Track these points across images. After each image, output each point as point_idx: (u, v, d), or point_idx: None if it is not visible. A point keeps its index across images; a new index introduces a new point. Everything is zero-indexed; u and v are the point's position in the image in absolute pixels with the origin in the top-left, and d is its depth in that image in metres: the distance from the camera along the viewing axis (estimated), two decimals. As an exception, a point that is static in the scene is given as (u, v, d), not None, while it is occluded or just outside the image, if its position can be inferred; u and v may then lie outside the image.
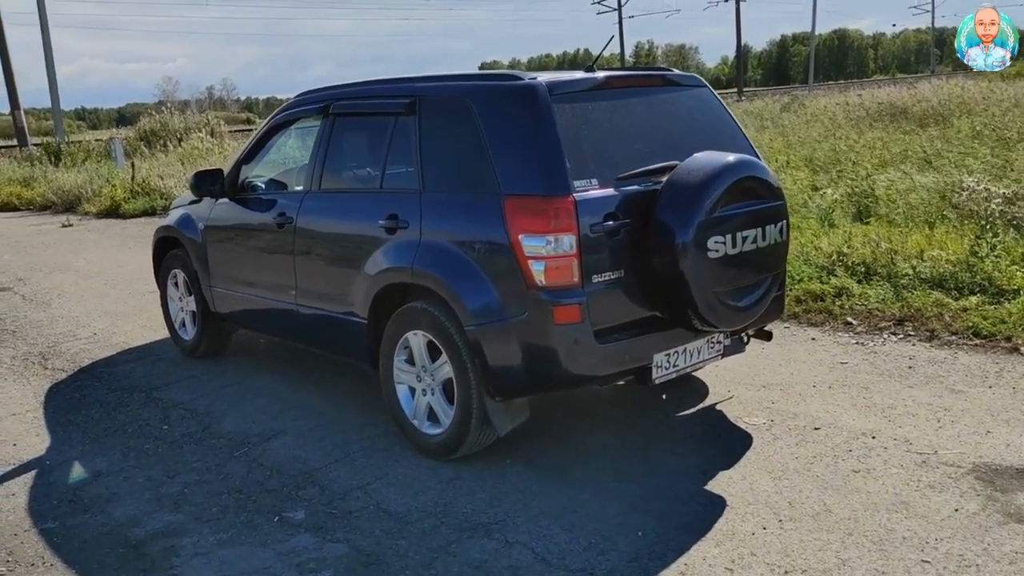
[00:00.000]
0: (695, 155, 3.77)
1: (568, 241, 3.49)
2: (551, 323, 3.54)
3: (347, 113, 4.63)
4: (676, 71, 4.36)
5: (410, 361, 4.15)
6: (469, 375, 3.78)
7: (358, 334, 4.34)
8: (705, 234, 3.57)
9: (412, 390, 4.17)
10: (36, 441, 4.63)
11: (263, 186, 5.34)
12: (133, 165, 17.33)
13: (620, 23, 60.28)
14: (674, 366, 3.91)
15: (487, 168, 3.72)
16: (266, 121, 5.31)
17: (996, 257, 6.27)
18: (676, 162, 3.79)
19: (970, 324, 5.45)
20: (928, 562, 2.94)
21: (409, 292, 4.07)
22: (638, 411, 4.59)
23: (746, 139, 4.29)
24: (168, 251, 6.00)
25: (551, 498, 3.62)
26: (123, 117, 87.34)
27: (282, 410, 4.85)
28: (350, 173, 4.69)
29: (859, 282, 6.41)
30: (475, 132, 3.82)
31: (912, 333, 5.55)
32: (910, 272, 6.31)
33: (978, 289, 5.94)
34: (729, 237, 3.65)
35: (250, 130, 24.71)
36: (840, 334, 5.69)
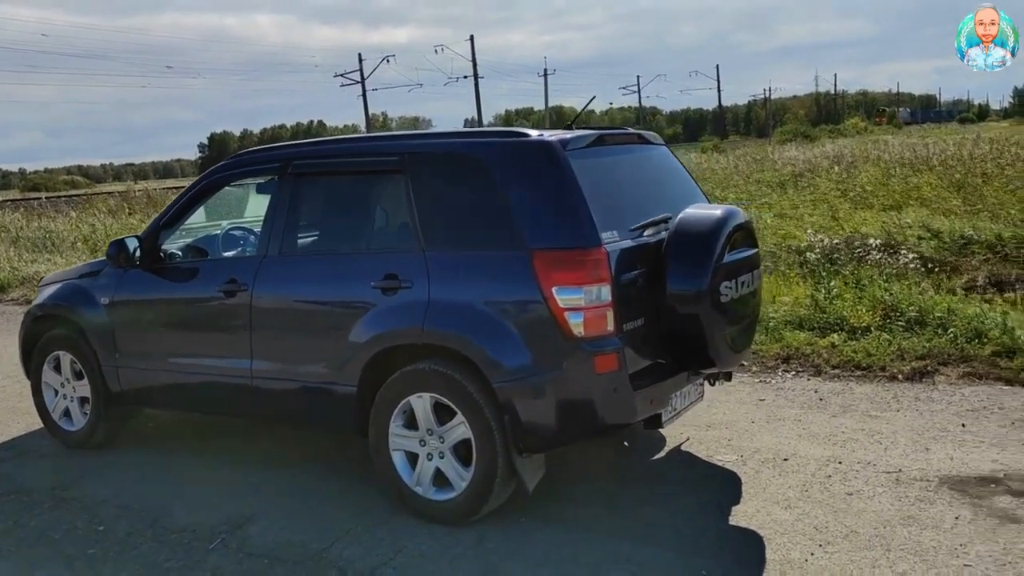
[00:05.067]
0: (690, 208, 4.02)
1: (605, 291, 3.56)
2: (592, 373, 3.57)
3: (313, 173, 4.37)
4: (647, 132, 4.62)
5: (409, 426, 3.95)
6: (494, 433, 3.68)
7: (343, 403, 4.06)
8: (717, 280, 3.80)
9: (411, 456, 3.96)
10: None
11: (188, 253, 4.84)
12: None
13: (364, 95, 61.09)
14: (675, 409, 4.08)
15: (506, 223, 3.71)
16: (194, 184, 4.84)
17: (838, 299, 7.15)
18: (669, 214, 4.01)
19: (847, 358, 6.15)
20: (970, 565, 3.30)
21: (411, 354, 3.89)
22: (615, 461, 4.68)
23: (703, 193, 4.63)
24: (43, 333, 5.21)
25: (594, 553, 3.60)
26: None
27: (239, 494, 4.37)
28: (323, 235, 4.40)
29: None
30: (486, 188, 3.80)
31: (801, 370, 6.16)
32: (775, 316, 7.02)
33: (836, 328, 6.73)
34: (733, 282, 3.91)
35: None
36: (740, 375, 6.15)
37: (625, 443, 4.88)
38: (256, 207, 5.29)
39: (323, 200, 4.44)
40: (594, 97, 4.84)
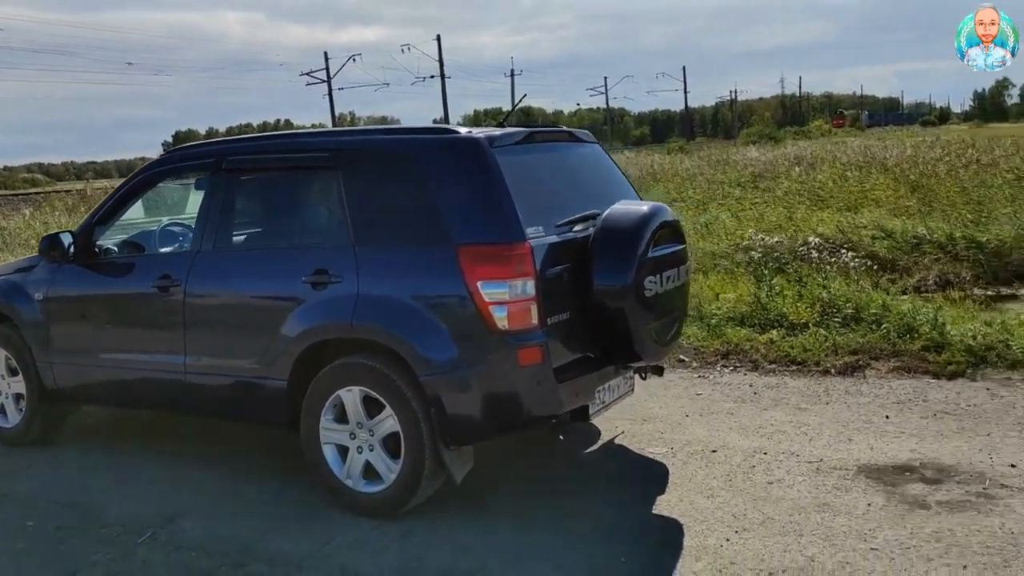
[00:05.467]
0: (617, 204, 4.11)
1: (529, 285, 3.63)
2: (516, 366, 3.64)
3: (247, 169, 4.40)
4: (578, 130, 4.70)
5: (339, 419, 3.99)
6: (421, 426, 3.74)
7: (274, 396, 4.10)
8: (642, 275, 3.89)
9: (341, 449, 4.01)
10: None
11: (124, 248, 4.84)
12: None
13: (330, 94, 60.80)
14: (603, 402, 4.16)
15: (434, 219, 3.77)
16: (128, 180, 4.84)
17: (779, 296, 7.30)
18: (597, 210, 4.09)
19: (783, 353, 6.29)
20: (876, 549, 3.42)
21: (341, 348, 3.94)
22: (548, 454, 4.76)
23: (634, 190, 4.72)
24: None
25: (517, 542, 3.68)
26: None
27: (171, 488, 4.40)
28: (256, 230, 4.44)
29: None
30: (415, 184, 3.86)
31: (739, 365, 6.29)
32: (718, 313, 7.16)
33: (775, 324, 6.87)
34: (658, 277, 4.00)
35: None
36: (679, 370, 6.28)
37: (560, 436, 4.94)
38: (196, 203, 5.30)
39: (256, 196, 4.48)
40: (524, 95, 4.94)
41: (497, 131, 4.00)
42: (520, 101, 4.73)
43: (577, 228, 4.01)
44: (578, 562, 3.46)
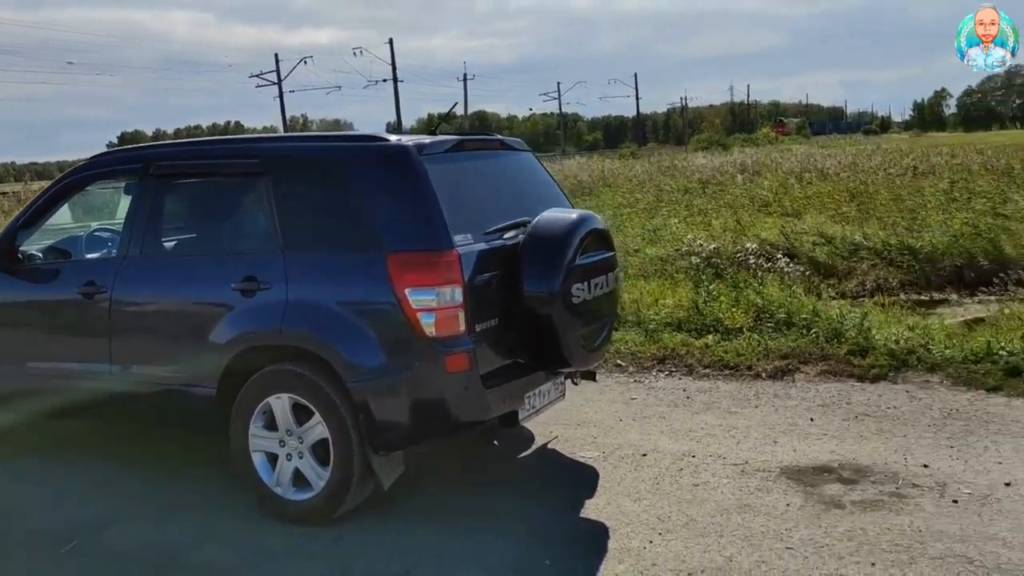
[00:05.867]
0: (546, 212, 4.17)
1: (457, 292, 3.67)
2: (443, 372, 3.68)
3: (175, 174, 4.37)
4: (510, 137, 4.76)
5: (268, 427, 3.99)
6: (350, 432, 3.75)
7: (203, 404, 4.07)
8: (569, 282, 3.96)
9: (271, 456, 4.00)
10: None
11: (49, 254, 4.76)
12: None
13: (281, 96, 60.18)
14: (532, 407, 4.22)
15: (362, 226, 3.80)
16: (53, 184, 4.77)
17: (715, 301, 7.45)
18: (527, 218, 4.15)
19: (717, 358, 6.43)
20: (791, 548, 3.53)
21: (270, 355, 3.94)
22: (481, 458, 4.81)
23: (566, 198, 4.79)
24: None
25: (447, 544, 3.72)
26: None
27: (101, 498, 4.34)
28: (184, 236, 4.41)
29: (616, 329, 7.23)
30: (344, 191, 3.88)
31: (674, 369, 6.41)
32: (656, 318, 7.28)
33: (711, 329, 7.01)
34: (586, 284, 4.07)
35: None
36: (616, 375, 6.38)
37: (495, 442, 5.00)
38: (125, 209, 5.24)
39: (185, 202, 4.45)
40: (456, 103, 5.00)
41: (427, 139, 4.04)
42: (452, 108, 4.79)
43: (507, 235, 4.07)
44: (504, 564, 3.51)
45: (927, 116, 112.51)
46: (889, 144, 39.21)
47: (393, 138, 3.98)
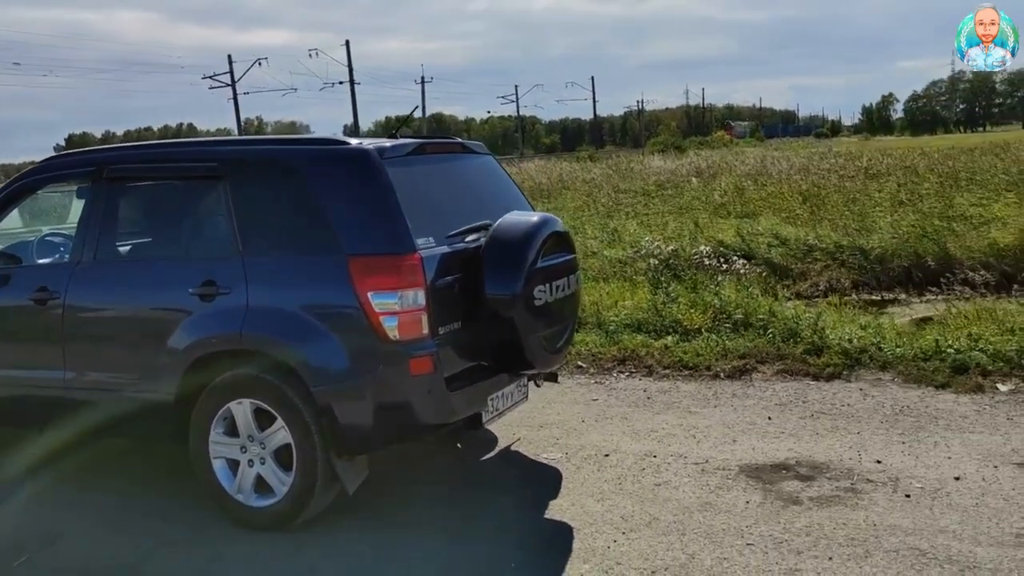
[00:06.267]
0: (507, 215, 4.19)
1: (419, 296, 3.67)
2: (407, 375, 3.68)
3: (130, 178, 4.30)
4: (470, 141, 4.77)
5: (229, 433, 3.95)
6: (314, 437, 3.73)
7: (161, 411, 4.02)
8: (531, 285, 3.98)
9: (232, 463, 3.96)
10: None
11: (0, 259, 4.65)
12: None
13: (235, 98, 59.39)
14: (496, 409, 4.24)
15: (324, 230, 3.78)
16: (3, 187, 4.66)
17: (674, 303, 7.54)
18: (488, 221, 4.17)
19: (676, 359, 6.50)
20: (752, 544, 3.59)
21: (230, 361, 3.89)
22: (445, 462, 4.81)
23: (527, 200, 4.82)
24: None
25: (409, 549, 3.72)
26: None
27: (51, 510, 4.26)
28: (138, 241, 4.34)
29: (576, 331, 7.27)
30: (305, 195, 3.86)
31: (634, 370, 6.47)
32: (615, 320, 7.34)
33: (670, 330, 7.10)
34: (548, 286, 4.10)
35: None
36: (577, 376, 6.42)
37: (458, 444, 5.01)
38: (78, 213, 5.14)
39: (140, 205, 4.39)
40: (416, 107, 5.02)
41: (387, 142, 4.03)
42: (412, 112, 4.78)
43: (469, 239, 4.08)
44: (469, 568, 3.52)
45: (875, 120, 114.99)
46: (839, 147, 39.97)
47: (354, 141, 3.97)
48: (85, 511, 4.24)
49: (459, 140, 4.71)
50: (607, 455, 4.73)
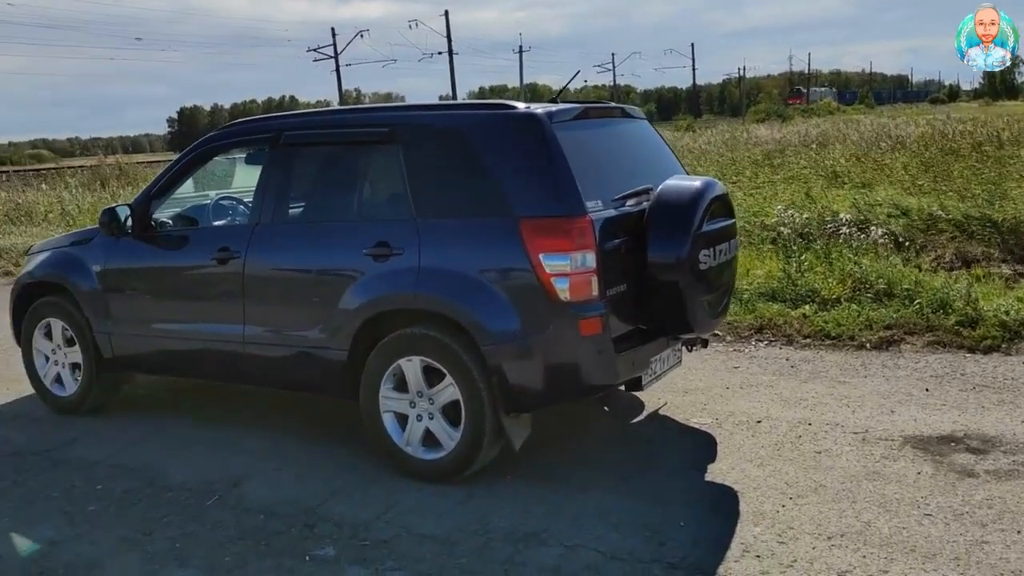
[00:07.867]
0: (670, 179, 4.18)
1: (590, 258, 3.71)
2: (577, 336, 3.73)
3: (306, 143, 4.47)
4: (629, 106, 4.76)
5: (399, 388, 4.09)
6: (482, 394, 3.83)
7: (334, 367, 4.19)
8: (696, 249, 3.97)
9: (401, 417, 4.11)
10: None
11: (179, 222, 4.94)
12: None
13: (338, 70, 60.54)
14: (655, 373, 4.25)
15: (495, 193, 3.85)
16: (184, 153, 4.92)
17: (808, 273, 7.36)
18: (650, 185, 4.16)
19: (818, 328, 6.37)
20: (930, 515, 3.52)
21: (402, 319, 4.03)
22: (598, 423, 4.87)
23: (682, 166, 4.79)
24: (33, 301, 5.28)
25: (576, 504, 3.78)
26: None
27: (231, 455, 4.51)
28: (316, 204, 4.50)
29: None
30: (476, 158, 3.93)
31: (773, 339, 6.37)
32: (749, 288, 7.23)
33: (807, 300, 6.95)
34: (712, 251, 4.08)
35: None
36: (715, 344, 6.35)
37: (605, 407, 5.06)
38: (244, 178, 5.39)
39: (315, 170, 4.54)
40: (578, 72, 4.99)
41: (554, 107, 4.06)
42: (574, 77, 4.78)
43: (631, 203, 4.08)
44: (637, 524, 3.56)
45: (998, 84, 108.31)
46: (959, 112, 37.87)
47: (521, 106, 4.01)
48: (265, 457, 4.47)
49: (619, 105, 4.70)
50: (759, 422, 4.69)
